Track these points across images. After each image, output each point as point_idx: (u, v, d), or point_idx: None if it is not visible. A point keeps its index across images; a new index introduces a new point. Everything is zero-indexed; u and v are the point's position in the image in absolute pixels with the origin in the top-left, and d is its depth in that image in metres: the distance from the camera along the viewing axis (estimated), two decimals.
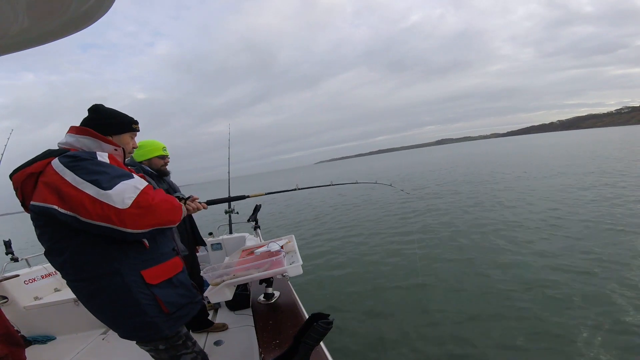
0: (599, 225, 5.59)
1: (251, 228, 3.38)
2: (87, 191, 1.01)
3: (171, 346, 1.25)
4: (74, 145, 1.19)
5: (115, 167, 1.14)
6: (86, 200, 1.00)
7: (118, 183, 1.05)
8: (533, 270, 4.20)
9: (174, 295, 1.21)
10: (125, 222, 1.03)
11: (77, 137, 1.20)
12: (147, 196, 1.08)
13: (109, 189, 1.02)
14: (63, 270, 1.13)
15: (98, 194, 1.01)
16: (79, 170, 1.04)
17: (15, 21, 0.72)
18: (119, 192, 1.03)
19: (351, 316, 3.65)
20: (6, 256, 2.92)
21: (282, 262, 1.68)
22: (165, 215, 1.14)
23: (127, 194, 1.04)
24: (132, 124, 1.32)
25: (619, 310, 3.09)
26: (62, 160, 1.06)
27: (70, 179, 1.02)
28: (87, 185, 1.01)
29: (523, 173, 14.15)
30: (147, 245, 1.17)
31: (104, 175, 1.05)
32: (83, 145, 1.20)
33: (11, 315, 2.55)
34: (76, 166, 1.05)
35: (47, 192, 1.02)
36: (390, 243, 6.22)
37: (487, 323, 3.17)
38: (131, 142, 1.35)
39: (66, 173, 1.03)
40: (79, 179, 1.02)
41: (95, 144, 1.21)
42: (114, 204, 1.01)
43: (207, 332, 2.31)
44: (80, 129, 1.21)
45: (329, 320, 1.18)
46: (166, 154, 2.22)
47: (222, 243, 3.35)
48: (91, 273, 1.10)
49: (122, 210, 1.02)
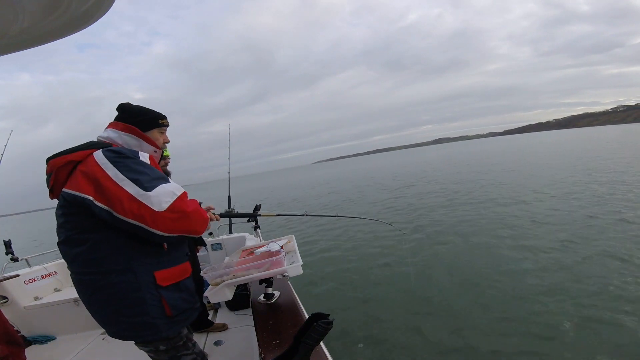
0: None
1: (251, 228, 3.38)
2: (127, 189, 1.02)
3: (172, 347, 1.25)
4: (116, 141, 1.22)
5: (155, 169, 1.16)
6: (125, 197, 1.01)
7: (158, 185, 1.06)
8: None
9: (178, 299, 1.21)
10: (157, 224, 1.04)
11: (121, 134, 1.22)
12: (183, 203, 1.09)
13: (149, 190, 1.04)
14: (76, 261, 1.12)
15: (138, 194, 1.02)
16: (122, 166, 1.05)
17: (15, 21, 0.72)
18: (157, 194, 1.04)
19: (352, 316, 3.65)
20: (6, 256, 2.91)
21: (282, 262, 1.67)
22: (195, 224, 1.14)
23: (165, 198, 1.05)
24: (158, 119, 1.33)
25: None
26: (106, 153, 1.08)
27: (112, 174, 1.03)
28: (128, 182, 1.03)
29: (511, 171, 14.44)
30: (165, 248, 1.19)
31: (145, 175, 1.07)
32: (125, 142, 1.22)
33: (11, 315, 2.55)
34: (120, 162, 1.06)
35: (85, 182, 1.04)
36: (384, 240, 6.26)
37: (490, 324, 3.18)
38: (161, 137, 1.36)
39: (108, 167, 1.04)
40: (121, 175, 1.03)
41: (137, 142, 1.24)
42: (151, 205, 1.02)
43: (207, 332, 2.31)
44: (125, 126, 1.24)
45: (329, 320, 1.19)
46: (167, 155, 2.23)
47: (222, 243, 3.35)
48: (105, 267, 1.10)
49: (158, 212, 1.03)
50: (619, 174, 10.39)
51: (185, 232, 1.12)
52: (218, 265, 1.83)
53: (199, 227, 1.17)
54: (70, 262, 1.14)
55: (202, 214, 1.18)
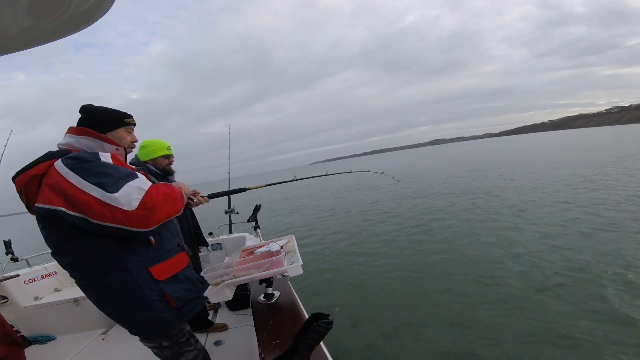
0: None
1: (251, 228, 3.38)
2: (92, 193, 1.01)
3: (175, 343, 1.26)
4: (75, 146, 1.18)
5: (119, 167, 1.14)
6: (93, 202, 1.00)
7: (123, 185, 1.05)
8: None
9: (181, 291, 1.23)
10: (133, 223, 1.04)
11: (77, 138, 1.19)
12: (152, 195, 1.09)
13: (115, 192, 1.02)
14: (71, 269, 1.13)
15: (104, 197, 1.01)
16: (83, 172, 1.04)
17: (15, 21, 0.72)
18: (124, 194, 1.03)
19: (351, 316, 3.65)
20: (6, 256, 2.91)
21: (282, 262, 1.67)
22: (170, 208, 1.15)
23: (133, 196, 1.04)
24: (123, 118, 1.29)
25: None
26: (65, 162, 1.06)
27: (75, 182, 1.02)
28: (92, 188, 1.01)
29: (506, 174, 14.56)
30: (153, 242, 1.19)
31: (109, 177, 1.05)
32: (84, 145, 1.19)
33: (11, 315, 2.55)
34: (80, 168, 1.04)
35: (53, 195, 1.02)
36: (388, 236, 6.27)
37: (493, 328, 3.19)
38: (128, 136, 1.32)
39: (70, 175, 1.03)
40: (84, 181, 1.02)
41: (96, 143, 1.21)
42: (121, 206, 1.01)
43: (207, 332, 2.31)
44: (79, 129, 1.20)
45: (329, 320, 1.18)
46: (171, 154, 2.23)
47: (222, 243, 3.34)
48: (100, 270, 1.10)
49: (130, 211, 1.03)
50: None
51: (166, 219, 1.13)
52: (218, 265, 1.82)
53: (177, 206, 1.19)
54: (67, 270, 1.15)
55: (173, 195, 1.18)
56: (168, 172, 2.22)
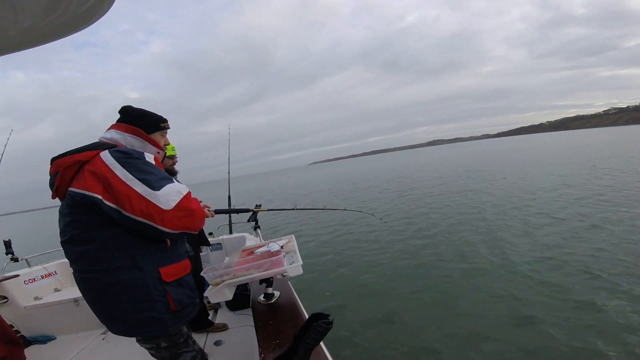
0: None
1: (251, 228, 3.37)
2: (136, 188, 1.06)
3: (173, 344, 1.26)
4: (120, 142, 1.24)
5: (160, 169, 1.20)
6: (133, 196, 1.04)
7: (165, 185, 1.10)
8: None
9: (182, 295, 1.24)
10: (165, 222, 1.08)
11: (125, 135, 1.25)
12: (189, 202, 1.14)
13: (158, 189, 1.08)
14: (83, 259, 1.13)
15: (146, 193, 1.06)
16: (130, 166, 1.09)
17: (15, 21, 0.72)
18: (165, 193, 1.08)
19: (351, 316, 3.65)
20: (6, 256, 2.91)
21: (282, 262, 1.67)
22: (198, 221, 1.20)
23: (172, 197, 1.09)
24: (160, 123, 1.37)
25: None
26: (113, 154, 1.10)
27: (120, 174, 1.06)
28: (136, 182, 1.06)
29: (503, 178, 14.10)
30: (169, 244, 1.22)
31: (153, 175, 1.11)
32: (129, 143, 1.25)
33: (11, 315, 2.55)
34: (128, 162, 1.09)
35: (94, 182, 1.06)
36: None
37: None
38: (162, 140, 1.39)
39: (116, 167, 1.07)
40: (130, 175, 1.07)
41: (141, 144, 1.27)
42: (159, 204, 1.06)
43: (207, 332, 2.32)
44: (130, 127, 1.27)
45: (329, 320, 1.19)
46: (174, 154, 2.23)
47: (222, 243, 3.34)
48: (112, 264, 1.11)
49: (166, 210, 1.07)
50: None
51: (189, 229, 1.17)
52: (218, 265, 1.83)
53: (200, 224, 1.24)
54: (75, 261, 1.15)
55: (203, 211, 1.25)
56: (172, 173, 2.21)
